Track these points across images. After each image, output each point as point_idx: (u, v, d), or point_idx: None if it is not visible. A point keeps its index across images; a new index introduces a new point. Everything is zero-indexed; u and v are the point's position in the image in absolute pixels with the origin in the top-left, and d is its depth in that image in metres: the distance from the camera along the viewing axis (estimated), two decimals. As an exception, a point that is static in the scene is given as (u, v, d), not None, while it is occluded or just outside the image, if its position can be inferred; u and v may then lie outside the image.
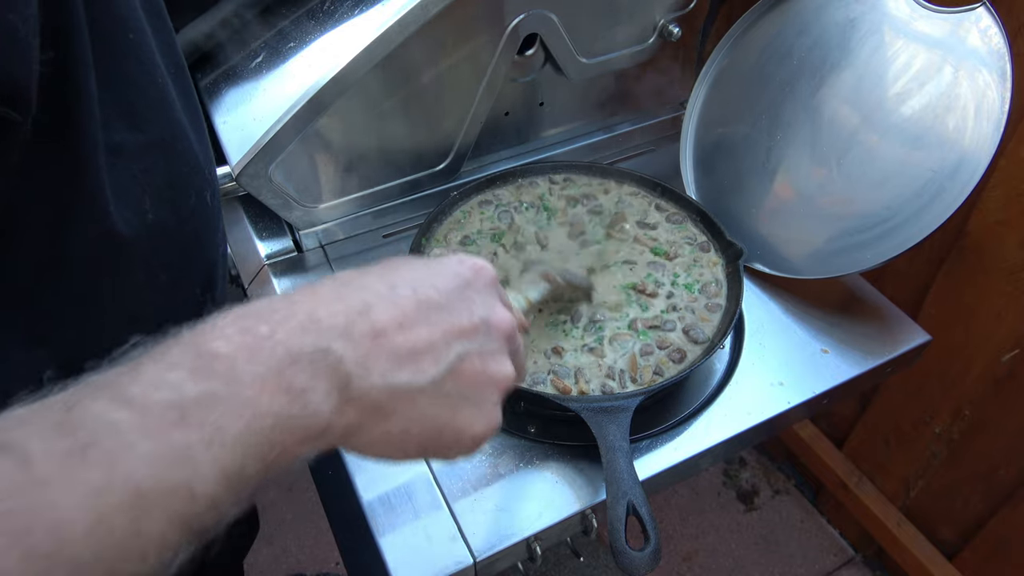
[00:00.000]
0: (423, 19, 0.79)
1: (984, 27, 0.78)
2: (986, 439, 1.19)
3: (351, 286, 0.38)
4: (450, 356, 0.39)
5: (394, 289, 0.39)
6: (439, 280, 0.41)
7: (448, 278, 0.42)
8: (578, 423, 0.69)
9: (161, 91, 0.49)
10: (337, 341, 0.35)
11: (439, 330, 0.39)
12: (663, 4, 0.97)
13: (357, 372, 0.35)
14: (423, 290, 0.40)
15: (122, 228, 0.44)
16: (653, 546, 0.60)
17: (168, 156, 0.49)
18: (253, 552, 1.54)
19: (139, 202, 0.46)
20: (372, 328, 0.37)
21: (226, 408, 0.31)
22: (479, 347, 0.41)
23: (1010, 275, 1.04)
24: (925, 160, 0.80)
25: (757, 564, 1.56)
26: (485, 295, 0.43)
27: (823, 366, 0.82)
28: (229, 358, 0.32)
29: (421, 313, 0.39)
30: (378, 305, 0.38)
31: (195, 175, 0.53)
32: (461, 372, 0.40)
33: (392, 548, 0.66)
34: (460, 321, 0.40)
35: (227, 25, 0.90)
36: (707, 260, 0.86)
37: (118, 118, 0.44)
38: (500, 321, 0.43)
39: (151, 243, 0.48)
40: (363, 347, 0.36)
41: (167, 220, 0.49)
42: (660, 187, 0.93)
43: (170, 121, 0.50)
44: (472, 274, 0.43)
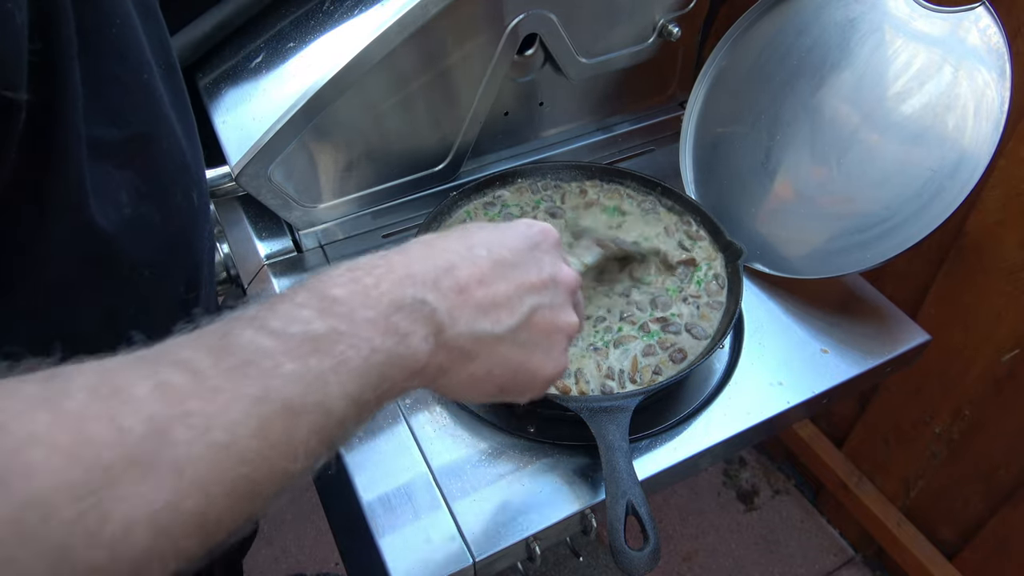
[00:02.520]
0: (423, 19, 0.79)
1: (983, 27, 0.78)
2: (986, 439, 1.19)
3: (435, 248, 0.44)
4: (523, 308, 0.45)
5: (472, 250, 0.45)
6: (510, 242, 0.47)
7: (518, 239, 0.48)
8: (578, 423, 0.69)
9: (147, 87, 0.49)
10: (430, 293, 0.41)
11: (513, 285, 0.45)
12: (663, 4, 0.97)
13: (447, 321, 0.41)
14: (497, 250, 0.46)
15: (100, 221, 0.44)
16: (652, 546, 0.60)
17: (150, 152, 0.49)
18: (253, 552, 1.54)
19: (115, 197, 0.46)
20: (457, 284, 0.42)
21: (348, 343, 0.36)
22: (548, 300, 0.47)
23: (1010, 275, 1.04)
24: (925, 159, 0.80)
25: (757, 564, 1.56)
26: (551, 255, 0.49)
27: (823, 366, 0.82)
28: (347, 302, 0.38)
29: (497, 271, 0.45)
30: (460, 264, 0.43)
31: (181, 173, 0.53)
32: (534, 322, 0.46)
33: (392, 548, 0.66)
34: (530, 277, 0.46)
35: (227, 25, 0.90)
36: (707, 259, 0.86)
37: (99, 112, 0.44)
38: (565, 277, 0.49)
39: (132, 238, 0.48)
40: (450, 299, 0.42)
41: (150, 216, 0.49)
42: (660, 187, 0.93)
43: (155, 117, 0.50)
44: (540, 236, 0.49)
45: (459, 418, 0.76)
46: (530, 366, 0.47)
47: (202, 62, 0.92)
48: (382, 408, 0.40)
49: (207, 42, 0.90)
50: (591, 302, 0.82)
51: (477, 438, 0.74)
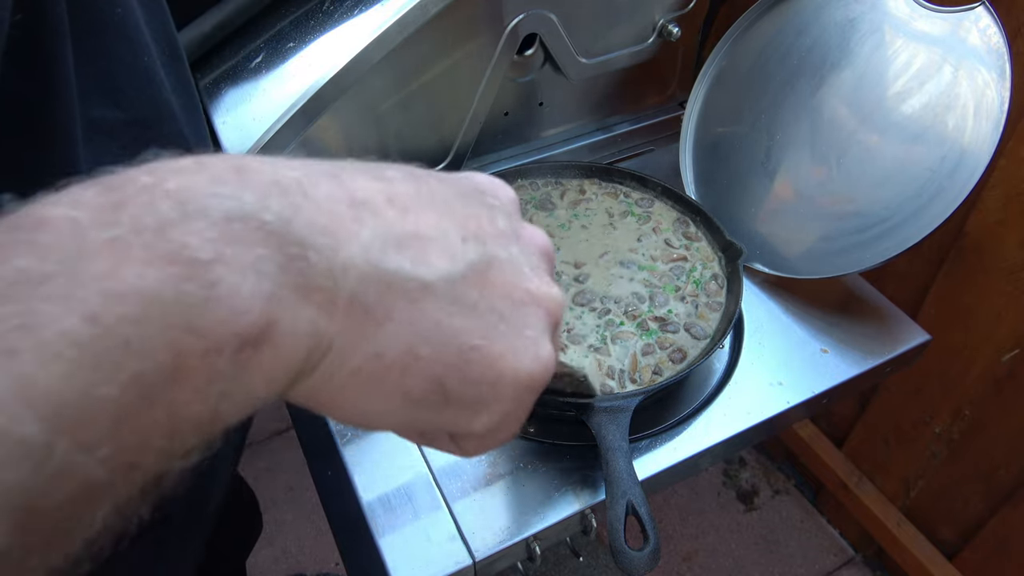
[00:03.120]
0: (422, 19, 0.79)
1: (983, 26, 0.78)
2: (986, 439, 1.19)
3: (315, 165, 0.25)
4: (469, 254, 0.26)
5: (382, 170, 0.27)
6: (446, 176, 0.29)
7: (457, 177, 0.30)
8: (578, 423, 0.69)
9: (147, 71, 0.48)
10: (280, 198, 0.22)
11: (450, 220, 0.27)
12: (663, 4, 0.97)
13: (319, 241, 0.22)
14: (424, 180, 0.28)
15: None
16: (652, 546, 0.60)
17: (152, 136, 0.48)
18: (253, 552, 1.54)
19: None
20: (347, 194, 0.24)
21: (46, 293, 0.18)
22: (509, 255, 0.28)
23: (1010, 275, 1.04)
24: (925, 159, 0.80)
25: (757, 564, 1.56)
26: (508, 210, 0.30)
27: (823, 366, 0.82)
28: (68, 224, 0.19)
29: (422, 197, 0.26)
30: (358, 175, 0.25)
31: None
32: (488, 279, 0.27)
33: (392, 548, 0.66)
34: (479, 219, 0.28)
35: (227, 25, 0.90)
36: (707, 258, 0.86)
37: (98, 93, 0.43)
38: (534, 234, 0.31)
39: None
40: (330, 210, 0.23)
41: None
42: (660, 187, 0.93)
43: (155, 101, 0.49)
44: (489, 184, 0.31)
45: (459, 418, 0.76)
46: (488, 345, 0.26)
47: (202, 62, 0.92)
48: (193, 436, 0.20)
49: (207, 42, 0.90)
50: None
51: (477, 438, 0.74)
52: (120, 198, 0.20)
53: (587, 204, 0.92)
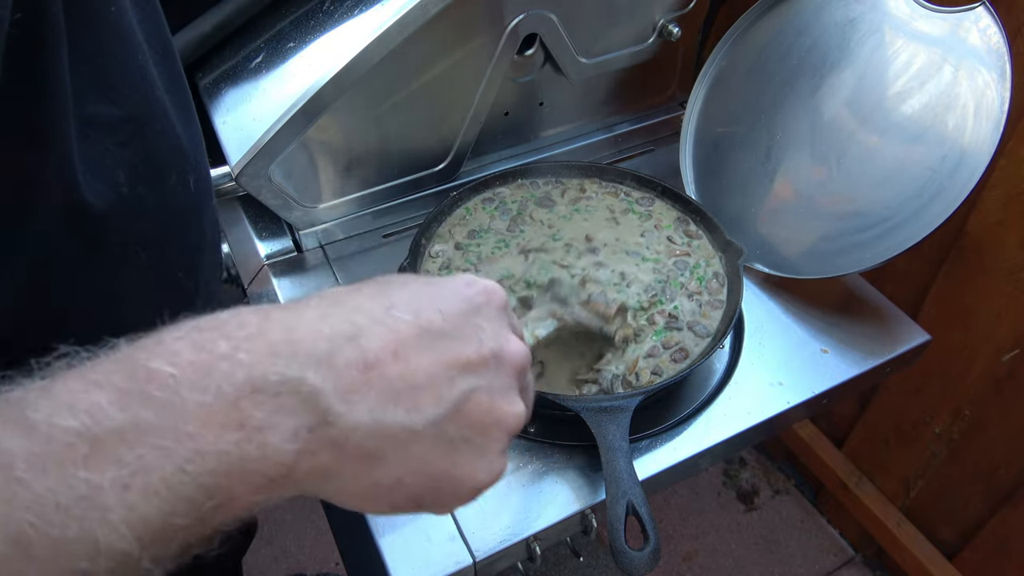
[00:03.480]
0: (423, 19, 0.79)
1: (983, 27, 0.78)
2: (986, 439, 1.19)
3: (342, 306, 0.33)
4: (454, 393, 0.34)
5: (390, 311, 0.33)
6: (444, 303, 0.36)
7: (454, 301, 0.36)
8: (578, 423, 0.69)
9: (141, 69, 0.48)
10: (315, 370, 0.29)
11: (442, 362, 0.34)
12: (663, 4, 0.97)
13: (338, 408, 0.30)
14: (426, 314, 0.34)
15: (92, 199, 0.43)
16: (652, 546, 0.60)
17: (145, 133, 0.48)
18: (253, 552, 1.54)
19: (113, 175, 0.45)
20: (362, 357, 0.31)
21: (154, 443, 0.25)
22: (488, 383, 0.35)
23: (1010, 275, 1.04)
24: (925, 159, 0.80)
25: (757, 564, 1.56)
26: (496, 322, 0.38)
27: (823, 366, 0.82)
28: (171, 379, 0.26)
29: (422, 341, 0.33)
30: (371, 329, 0.32)
31: (177, 156, 0.53)
32: (465, 412, 0.34)
33: (392, 548, 0.66)
34: (467, 352, 0.35)
35: (227, 25, 0.90)
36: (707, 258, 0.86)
37: (92, 89, 0.43)
38: (513, 354, 0.38)
39: (125, 218, 0.47)
40: (348, 378, 0.30)
41: (145, 197, 0.49)
42: (660, 187, 0.93)
43: (148, 99, 0.49)
44: (482, 298, 0.38)
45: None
46: (457, 472, 0.35)
47: (202, 62, 0.92)
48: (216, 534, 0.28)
49: (207, 42, 0.90)
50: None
51: (477, 438, 0.74)
52: (206, 362, 0.27)
53: (587, 201, 0.92)
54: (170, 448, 0.25)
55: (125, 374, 0.26)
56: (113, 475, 0.24)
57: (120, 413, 0.25)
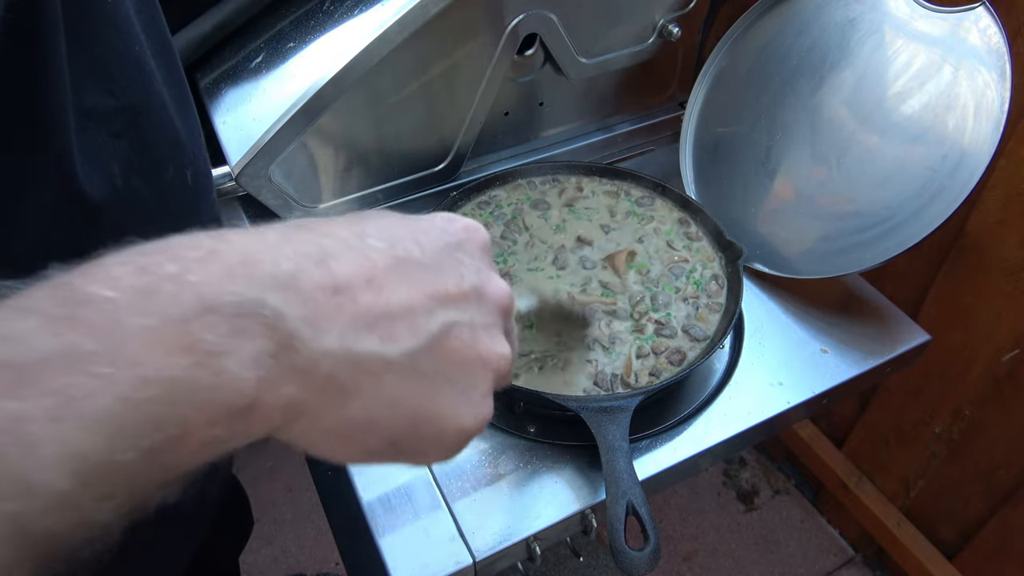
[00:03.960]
0: (423, 19, 0.79)
1: (984, 27, 0.78)
2: (986, 439, 1.19)
3: (309, 231, 0.30)
4: (432, 325, 0.31)
5: (364, 239, 0.31)
6: (423, 236, 0.33)
7: (434, 235, 0.34)
8: (578, 423, 0.69)
9: (138, 60, 0.48)
10: (277, 292, 0.27)
11: (420, 292, 0.31)
12: (663, 4, 0.97)
13: (305, 332, 0.27)
14: (402, 244, 0.32)
15: (89, 190, 0.43)
16: (652, 546, 0.60)
17: (140, 124, 0.48)
18: (253, 552, 1.54)
19: (108, 166, 0.45)
20: (331, 280, 0.28)
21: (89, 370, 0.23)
22: (469, 318, 0.33)
23: (1010, 275, 1.04)
24: (925, 159, 0.80)
25: (757, 564, 1.56)
26: (478, 260, 0.36)
27: (823, 366, 0.82)
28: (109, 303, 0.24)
29: (398, 270, 0.31)
30: (342, 254, 0.29)
31: (174, 149, 0.53)
32: (445, 347, 0.32)
33: (392, 548, 0.66)
34: (447, 284, 0.32)
35: (227, 25, 0.90)
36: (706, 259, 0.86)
37: (90, 80, 0.43)
38: (496, 291, 0.35)
39: (122, 210, 0.46)
40: (315, 302, 0.28)
41: (140, 189, 0.48)
42: (660, 187, 0.93)
43: (146, 90, 0.49)
44: (463, 235, 0.36)
45: (459, 418, 0.76)
46: (437, 410, 0.32)
47: (202, 62, 0.92)
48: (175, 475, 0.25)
49: (207, 42, 0.90)
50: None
51: (477, 438, 0.74)
52: (150, 284, 0.25)
53: (584, 201, 0.92)
54: (108, 375, 0.23)
55: (58, 300, 0.24)
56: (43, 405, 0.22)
57: (52, 339, 0.23)
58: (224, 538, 1.08)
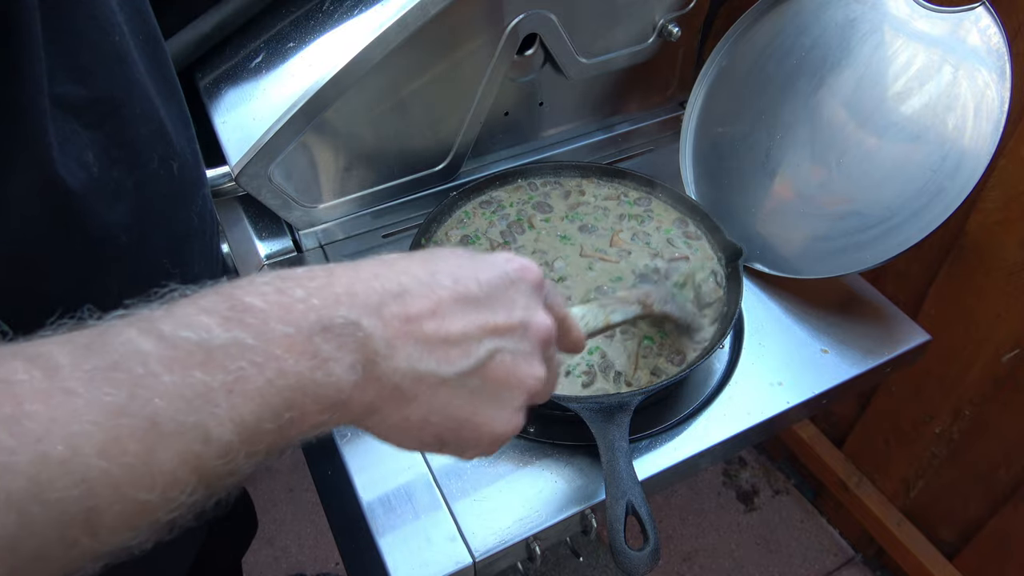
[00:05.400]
0: (423, 19, 0.79)
1: (984, 27, 0.78)
2: (986, 439, 1.19)
3: (392, 268, 0.38)
4: (480, 351, 0.39)
5: (434, 276, 0.39)
6: (483, 274, 0.41)
7: (493, 274, 0.41)
8: (578, 423, 0.69)
9: (117, 50, 0.48)
10: (368, 318, 0.35)
11: (474, 324, 0.39)
12: (663, 4, 0.97)
13: (383, 351, 0.36)
14: (464, 282, 0.40)
15: (66, 176, 0.43)
16: (652, 546, 0.60)
17: (121, 116, 0.48)
18: (253, 552, 1.54)
19: (81, 155, 0.45)
20: (404, 311, 0.37)
21: (251, 359, 0.31)
22: (512, 346, 0.41)
23: (1010, 275, 1.04)
24: (925, 159, 0.80)
25: (757, 564, 1.56)
26: (528, 297, 0.43)
27: (823, 366, 0.82)
28: (262, 313, 0.33)
29: (458, 305, 0.39)
30: (415, 290, 0.38)
31: (158, 141, 0.52)
32: (490, 369, 0.40)
33: (392, 548, 0.66)
34: (497, 318, 0.40)
35: (227, 25, 0.90)
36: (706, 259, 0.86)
37: (63, 69, 0.43)
38: (539, 325, 0.42)
39: (102, 200, 0.47)
40: (392, 328, 0.36)
41: (121, 180, 0.48)
42: (660, 187, 0.93)
43: (126, 81, 0.49)
44: (518, 274, 0.42)
45: (459, 418, 0.76)
46: (477, 420, 0.40)
47: (202, 62, 0.92)
48: (287, 446, 0.34)
49: (207, 42, 0.90)
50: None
51: (477, 438, 0.74)
52: (287, 303, 0.34)
53: (585, 208, 0.92)
54: (262, 364, 0.32)
55: (228, 304, 0.33)
56: (222, 379, 0.31)
57: (225, 333, 0.31)
58: (228, 539, 1.08)
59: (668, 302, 0.72)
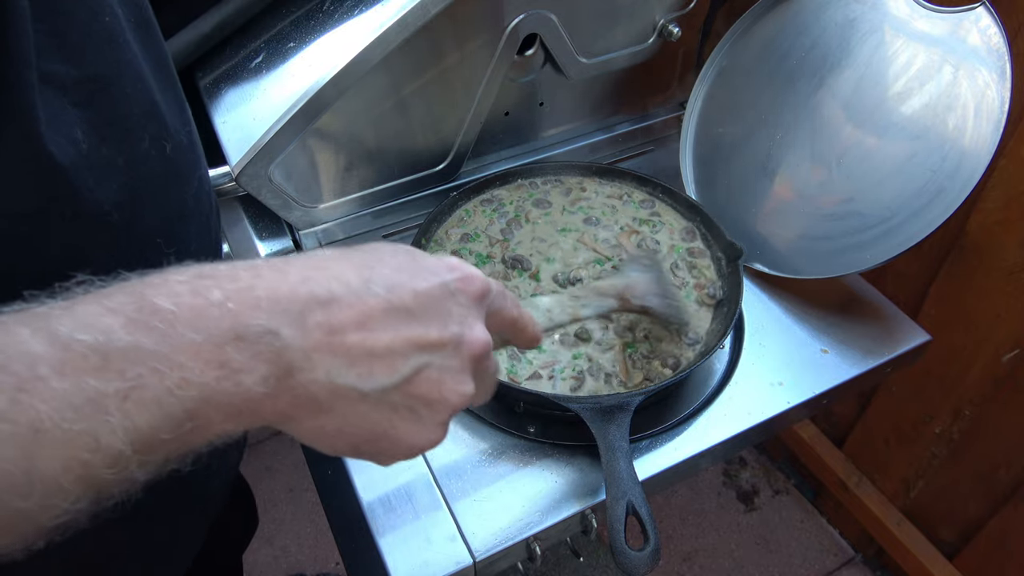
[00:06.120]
0: (423, 19, 0.79)
1: (984, 26, 0.78)
2: (986, 439, 1.19)
3: (324, 271, 0.36)
4: (406, 367, 0.37)
5: (368, 284, 0.37)
6: (420, 284, 0.39)
7: (431, 283, 0.39)
8: (578, 423, 0.69)
9: (107, 29, 0.48)
10: (288, 327, 0.34)
11: (402, 338, 0.37)
12: (663, 4, 0.97)
13: (300, 363, 0.34)
14: (399, 292, 0.38)
15: (55, 151, 0.43)
16: (653, 546, 0.60)
17: (110, 94, 0.48)
18: (253, 552, 1.54)
19: (69, 132, 0.45)
20: (329, 321, 0.35)
21: (152, 366, 0.30)
22: (441, 362, 0.39)
23: (1010, 275, 1.04)
24: (925, 160, 0.80)
25: (757, 564, 1.56)
26: (466, 309, 0.41)
27: (823, 366, 0.82)
28: (170, 316, 0.31)
29: (388, 316, 0.37)
30: (344, 298, 0.36)
31: (150, 121, 0.52)
32: (414, 385, 0.38)
33: (392, 548, 0.66)
34: (428, 333, 0.38)
35: (227, 25, 0.90)
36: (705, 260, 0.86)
37: (51, 47, 0.43)
38: (473, 341, 0.40)
39: (92, 176, 0.46)
40: (313, 339, 0.34)
41: (112, 157, 0.48)
42: (660, 187, 0.93)
43: (116, 61, 0.49)
44: (459, 284, 0.41)
45: (459, 418, 0.76)
46: (395, 433, 0.39)
47: (202, 62, 0.92)
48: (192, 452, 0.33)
49: (207, 42, 0.90)
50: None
51: (477, 438, 0.74)
52: (201, 306, 0.32)
53: (588, 200, 0.92)
54: (163, 372, 0.30)
55: (135, 305, 0.31)
56: (116, 386, 0.29)
57: (127, 336, 0.30)
58: (229, 533, 1.08)
59: (653, 295, 0.70)
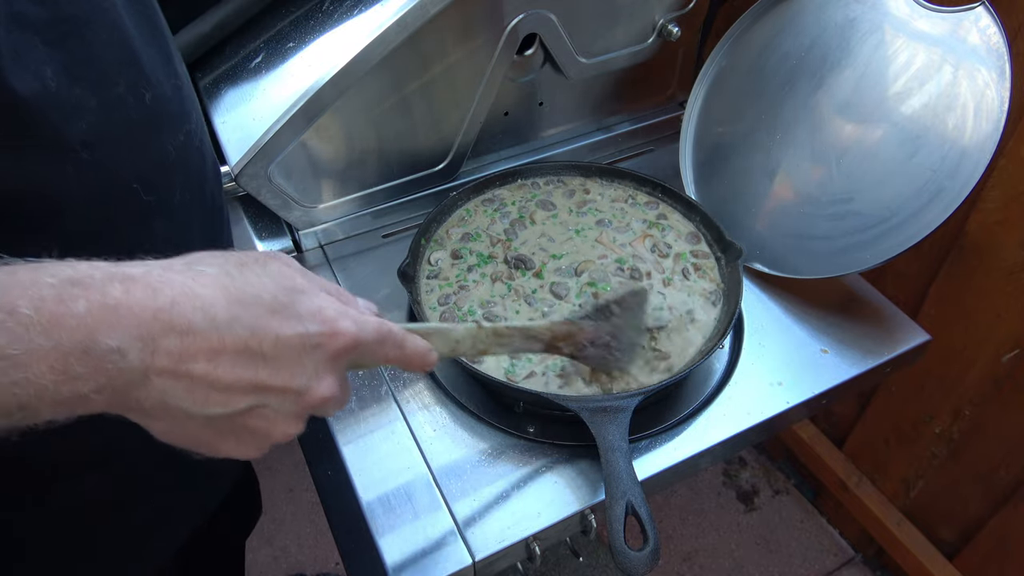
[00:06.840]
0: (422, 19, 0.79)
1: (983, 26, 0.78)
2: (986, 439, 1.19)
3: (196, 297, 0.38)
4: (240, 404, 0.40)
5: (232, 322, 0.39)
6: (286, 330, 0.40)
7: (294, 333, 0.41)
8: (577, 423, 0.69)
9: None
10: (137, 350, 0.36)
11: (246, 380, 0.39)
12: (663, 4, 0.97)
13: (138, 382, 0.37)
14: (259, 336, 0.39)
15: (16, 85, 0.44)
16: (652, 546, 0.60)
17: (83, 36, 0.49)
18: (253, 552, 1.54)
19: (39, 69, 0.46)
20: (181, 349, 0.37)
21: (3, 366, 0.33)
22: (277, 406, 0.41)
23: (1010, 275, 1.04)
24: (925, 159, 0.80)
25: (757, 564, 1.56)
26: (320, 364, 0.43)
27: (823, 366, 0.82)
28: (26, 319, 0.33)
29: (240, 357, 0.39)
30: (204, 332, 0.38)
31: (127, 68, 0.53)
32: (244, 417, 0.41)
33: (391, 548, 0.66)
34: (273, 380, 0.40)
35: (227, 25, 0.90)
36: (706, 261, 0.86)
37: None
38: (315, 395, 0.42)
39: (61, 113, 0.47)
40: (160, 363, 0.37)
41: (84, 98, 0.49)
42: (660, 187, 0.93)
43: (91, 6, 0.50)
44: (322, 339, 0.42)
45: (459, 418, 0.76)
46: (216, 447, 0.42)
47: (202, 62, 0.92)
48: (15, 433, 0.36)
49: (207, 42, 0.90)
50: None
51: (477, 438, 0.74)
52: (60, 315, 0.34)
53: (594, 203, 0.92)
54: (5, 369, 0.33)
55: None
56: None
57: None
58: (230, 519, 1.08)
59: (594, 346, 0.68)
